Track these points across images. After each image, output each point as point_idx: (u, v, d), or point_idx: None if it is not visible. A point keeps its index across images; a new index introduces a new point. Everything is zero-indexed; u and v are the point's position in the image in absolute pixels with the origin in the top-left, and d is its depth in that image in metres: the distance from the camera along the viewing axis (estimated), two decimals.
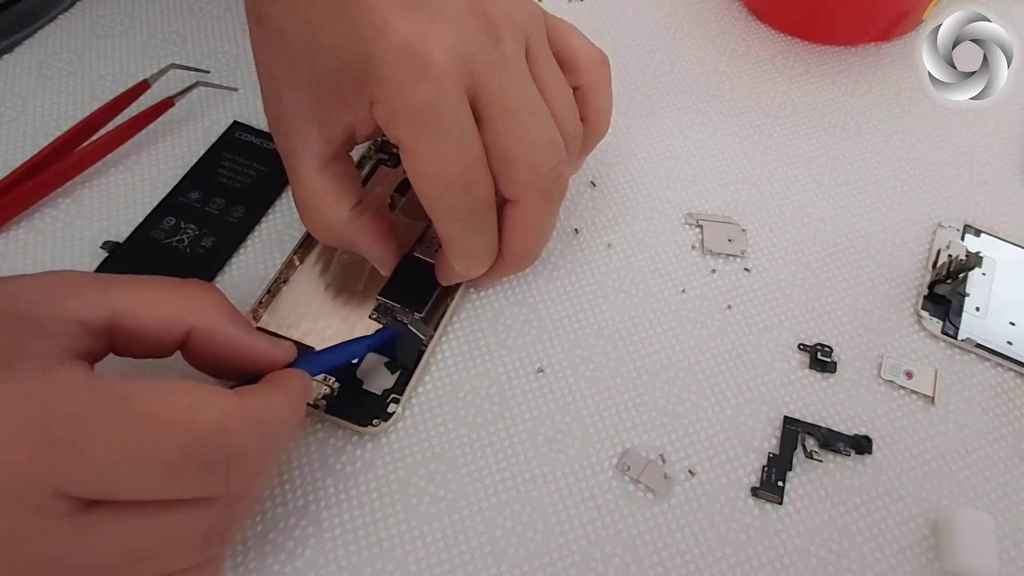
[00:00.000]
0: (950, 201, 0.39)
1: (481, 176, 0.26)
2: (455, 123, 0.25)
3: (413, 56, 0.24)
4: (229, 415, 0.21)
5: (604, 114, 0.32)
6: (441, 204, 0.26)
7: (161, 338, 0.23)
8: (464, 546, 0.28)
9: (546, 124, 0.27)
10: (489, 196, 0.27)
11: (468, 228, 0.28)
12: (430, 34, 0.24)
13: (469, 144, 0.25)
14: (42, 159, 0.34)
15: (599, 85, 0.31)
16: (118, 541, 0.20)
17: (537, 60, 0.27)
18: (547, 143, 0.27)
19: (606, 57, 0.31)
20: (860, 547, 0.29)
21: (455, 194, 0.26)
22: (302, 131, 0.28)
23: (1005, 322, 0.34)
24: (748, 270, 0.36)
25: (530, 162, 0.27)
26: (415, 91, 0.24)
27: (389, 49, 0.24)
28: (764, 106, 0.42)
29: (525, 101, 0.26)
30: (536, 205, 0.28)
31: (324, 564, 0.27)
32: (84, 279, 0.23)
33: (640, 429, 0.31)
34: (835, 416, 0.31)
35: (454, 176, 0.25)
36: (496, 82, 0.25)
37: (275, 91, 0.28)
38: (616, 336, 0.33)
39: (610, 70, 0.31)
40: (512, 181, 0.27)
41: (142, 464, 0.19)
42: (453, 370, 0.32)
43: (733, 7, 0.47)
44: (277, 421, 0.23)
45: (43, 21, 0.42)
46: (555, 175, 0.28)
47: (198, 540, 0.22)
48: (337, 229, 0.29)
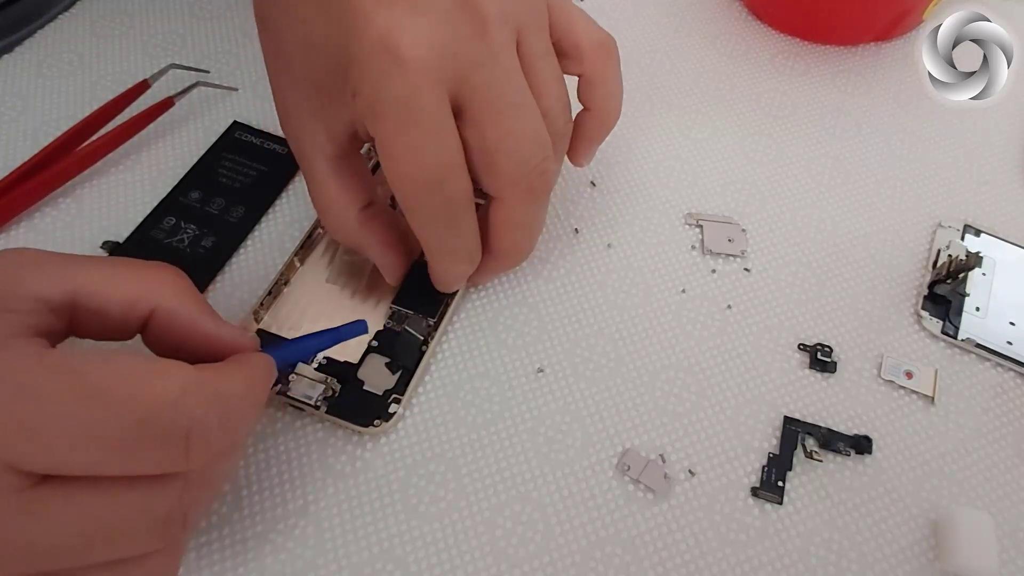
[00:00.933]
0: (950, 201, 0.39)
1: (456, 173, 0.25)
2: (430, 119, 0.24)
3: (389, 50, 0.23)
4: (186, 387, 0.20)
5: (611, 101, 0.31)
6: (414, 201, 0.26)
7: (123, 317, 0.23)
8: (464, 546, 0.28)
9: (531, 119, 0.26)
10: (465, 194, 0.26)
11: (443, 226, 0.27)
12: (408, 27, 0.23)
13: (444, 140, 0.25)
14: (42, 159, 0.34)
15: (604, 71, 0.30)
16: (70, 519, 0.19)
17: (529, 52, 0.27)
18: (531, 139, 0.26)
19: (611, 40, 0.30)
20: (860, 547, 0.29)
21: (428, 191, 0.25)
22: (307, 130, 0.28)
23: (1005, 322, 0.34)
24: (748, 270, 0.36)
25: (513, 158, 0.26)
26: (390, 85, 0.24)
27: (367, 43, 0.24)
28: (764, 106, 0.42)
29: (510, 96, 0.26)
30: (520, 201, 0.28)
31: (324, 564, 0.27)
32: (44, 256, 0.22)
33: (640, 429, 0.31)
34: (835, 416, 0.32)
35: (427, 172, 0.25)
36: (479, 77, 0.25)
37: (281, 92, 0.28)
38: (616, 336, 0.33)
39: (617, 54, 0.30)
40: (494, 177, 0.27)
41: (95, 437, 0.19)
42: (453, 370, 0.32)
43: (733, 7, 0.47)
44: (237, 397, 0.22)
45: (43, 21, 0.42)
46: (539, 171, 0.27)
47: (157, 523, 0.20)
48: (348, 230, 0.29)
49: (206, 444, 0.21)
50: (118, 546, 0.20)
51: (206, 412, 0.20)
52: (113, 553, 0.20)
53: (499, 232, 0.29)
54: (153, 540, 0.21)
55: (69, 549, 0.19)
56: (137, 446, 0.19)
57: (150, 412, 0.19)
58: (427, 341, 0.31)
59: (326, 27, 0.25)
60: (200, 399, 0.20)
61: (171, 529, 0.21)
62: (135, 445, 0.19)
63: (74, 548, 0.19)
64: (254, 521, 0.28)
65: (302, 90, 0.27)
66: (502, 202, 0.28)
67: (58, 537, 0.19)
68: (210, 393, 0.21)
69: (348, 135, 0.27)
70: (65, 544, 0.19)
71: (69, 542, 0.19)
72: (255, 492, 0.28)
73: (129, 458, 0.19)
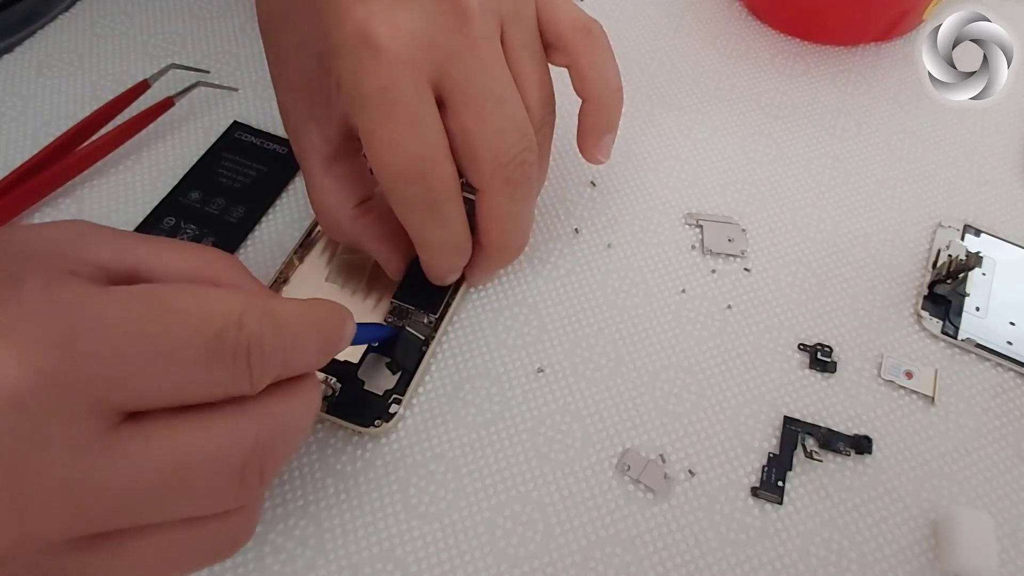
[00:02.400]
0: (950, 201, 0.39)
1: (438, 164, 0.26)
2: (409, 109, 0.24)
3: (366, 41, 0.24)
4: (246, 307, 0.20)
5: (602, 88, 0.30)
6: (396, 191, 0.26)
7: None
8: (464, 546, 0.28)
9: (511, 110, 0.26)
10: (448, 184, 0.26)
11: (428, 216, 0.27)
12: (386, 18, 0.24)
13: (424, 131, 0.25)
14: (42, 159, 0.34)
15: (591, 58, 0.29)
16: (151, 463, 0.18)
17: (512, 43, 0.27)
18: (512, 130, 0.27)
19: (596, 26, 0.29)
20: (860, 547, 0.29)
21: (410, 181, 0.25)
22: (304, 130, 0.28)
23: (1005, 322, 0.34)
24: (748, 270, 0.36)
25: (491, 149, 0.26)
26: (369, 77, 0.24)
27: (346, 34, 0.24)
28: (764, 106, 0.42)
29: (490, 87, 0.26)
30: (501, 193, 0.28)
31: (324, 564, 0.27)
32: (107, 228, 0.23)
33: (640, 429, 0.31)
34: (835, 416, 0.32)
35: (408, 163, 0.25)
36: (459, 68, 0.25)
37: (281, 95, 0.29)
38: (616, 336, 0.33)
39: (604, 39, 0.29)
40: (475, 168, 0.27)
41: (173, 357, 0.18)
42: (453, 370, 0.32)
43: (733, 7, 0.47)
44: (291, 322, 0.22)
45: (43, 21, 0.42)
46: (518, 162, 0.27)
47: (235, 471, 0.20)
48: (343, 227, 0.30)
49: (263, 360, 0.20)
50: (197, 495, 0.20)
51: (263, 331, 0.20)
52: (192, 503, 0.20)
53: (486, 225, 0.29)
54: (230, 493, 0.20)
55: (149, 496, 0.19)
56: (211, 365, 0.19)
57: (219, 328, 0.19)
58: (427, 341, 0.31)
59: (312, 28, 0.26)
60: (257, 317, 0.20)
61: (248, 481, 0.21)
62: (209, 364, 0.19)
63: (154, 495, 0.19)
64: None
65: (298, 91, 0.28)
66: (484, 193, 0.28)
67: (138, 482, 0.18)
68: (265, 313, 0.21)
69: (342, 134, 0.28)
70: (145, 491, 0.19)
71: (149, 488, 0.19)
72: None
73: (205, 379, 0.19)
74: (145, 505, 0.19)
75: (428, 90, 0.25)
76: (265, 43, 0.30)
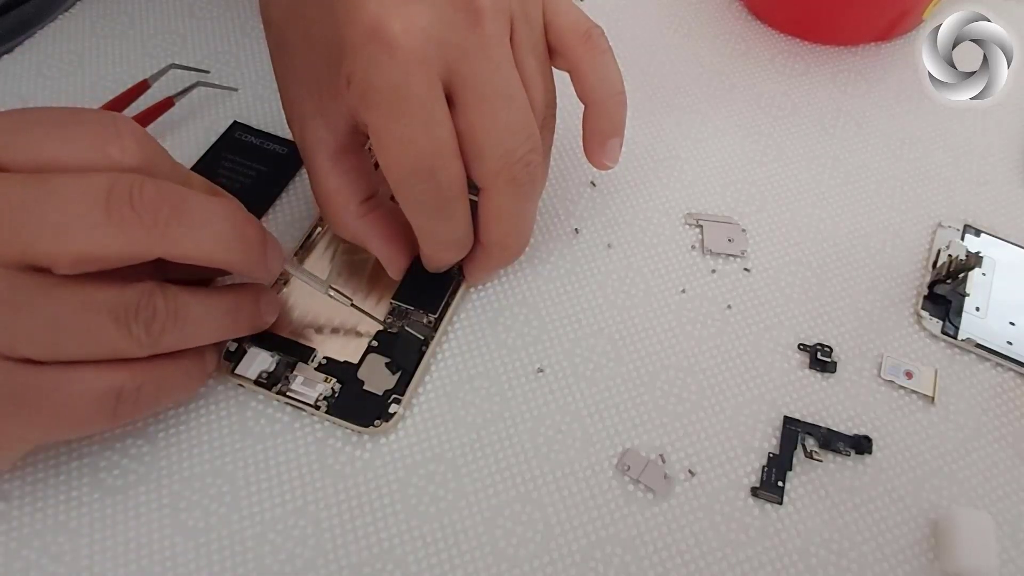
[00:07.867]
0: (950, 201, 0.39)
1: (448, 162, 0.26)
2: (421, 107, 0.24)
3: (380, 38, 0.23)
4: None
5: (605, 91, 0.30)
6: (405, 189, 0.26)
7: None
8: (464, 546, 0.28)
9: (519, 110, 0.26)
10: (456, 182, 0.26)
11: (434, 214, 0.27)
12: (400, 16, 0.24)
13: (436, 129, 0.25)
14: None
15: (591, 63, 0.29)
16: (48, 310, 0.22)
17: (520, 44, 0.27)
18: (518, 130, 0.27)
19: (596, 30, 0.29)
20: (860, 547, 0.29)
21: (420, 179, 0.26)
22: (310, 125, 0.28)
23: (1005, 322, 0.34)
24: (748, 270, 0.36)
25: (498, 148, 0.26)
26: (381, 73, 0.24)
27: (359, 30, 0.24)
28: (764, 106, 0.42)
29: (499, 87, 0.26)
30: (504, 192, 0.28)
31: (324, 564, 0.27)
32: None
33: (640, 429, 0.31)
34: (835, 416, 0.31)
35: (419, 161, 0.25)
36: (469, 67, 0.25)
37: (285, 89, 0.29)
38: (616, 336, 0.33)
39: (605, 43, 0.29)
40: (480, 167, 0.27)
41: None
42: (453, 370, 0.32)
43: (733, 7, 0.47)
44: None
45: (44, 22, 0.42)
46: (524, 162, 0.27)
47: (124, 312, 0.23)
48: (349, 223, 0.30)
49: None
50: (82, 340, 0.23)
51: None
52: (79, 346, 0.23)
53: (489, 224, 0.29)
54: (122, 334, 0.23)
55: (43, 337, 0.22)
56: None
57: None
58: (427, 341, 0.31)
59: (324, 19, 0.26)
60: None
61: (129, 328, 0.23)
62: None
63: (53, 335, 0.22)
64: (254, 521, 0.28)
65: (304, 85, 0.28)
66: (488, 192, 0.28)
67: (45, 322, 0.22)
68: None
69: (348, 129, 0.28)
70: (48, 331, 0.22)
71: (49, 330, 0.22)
72: (254, 492, 0.28)
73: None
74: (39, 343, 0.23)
75: (440, 88, 0.25)
76: (268, 36, 0.30)
